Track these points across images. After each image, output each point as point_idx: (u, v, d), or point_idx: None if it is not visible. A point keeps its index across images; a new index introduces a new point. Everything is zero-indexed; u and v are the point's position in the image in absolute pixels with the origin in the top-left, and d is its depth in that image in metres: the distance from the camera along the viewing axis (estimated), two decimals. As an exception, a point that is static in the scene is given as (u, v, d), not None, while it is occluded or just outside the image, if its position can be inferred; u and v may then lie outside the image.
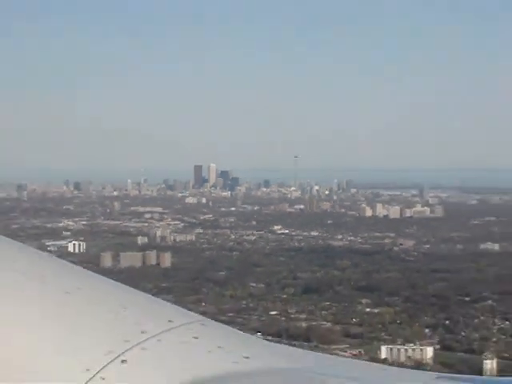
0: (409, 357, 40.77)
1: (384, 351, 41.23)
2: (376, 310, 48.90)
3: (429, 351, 41.70)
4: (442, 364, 38.24)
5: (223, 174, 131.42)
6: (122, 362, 1.59)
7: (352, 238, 75.26)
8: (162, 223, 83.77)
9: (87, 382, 1.57)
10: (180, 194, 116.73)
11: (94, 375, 1.57)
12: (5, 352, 1.68)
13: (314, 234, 77.61)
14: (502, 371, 35.96)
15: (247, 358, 1.72)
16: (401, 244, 69.44)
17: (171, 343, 1.69)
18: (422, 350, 41.82)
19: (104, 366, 1.58)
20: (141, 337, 1.66)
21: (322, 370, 1.89)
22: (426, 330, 45.86)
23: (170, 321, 1.77)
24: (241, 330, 2.35)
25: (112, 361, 1.60)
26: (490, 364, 38.57)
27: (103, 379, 1.57)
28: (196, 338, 1.73)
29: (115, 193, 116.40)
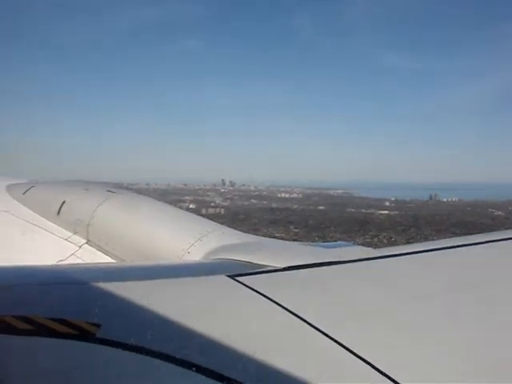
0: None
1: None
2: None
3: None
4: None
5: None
6: (196, 247, 3.15)
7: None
8: None
9: (189, 247, 3.15)
10: None
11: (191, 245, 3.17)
12: (135, 237, 3.48)
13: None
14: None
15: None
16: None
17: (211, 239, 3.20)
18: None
19: (191, 244, 3.18)
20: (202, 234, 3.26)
21: None
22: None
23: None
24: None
25: (194, 243, 3.19)
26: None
27: (189, 253, 3.12)
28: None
29: None
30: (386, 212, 70.37)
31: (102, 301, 1.83)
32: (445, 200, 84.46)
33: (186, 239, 3.22)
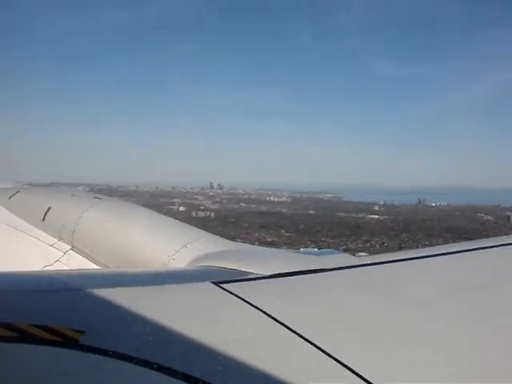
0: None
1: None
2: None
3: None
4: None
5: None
6: (182, 253, 3.19)
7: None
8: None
9: (174, 254, 3.17)
10: None
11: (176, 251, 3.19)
12: (123, 244, 3.38)
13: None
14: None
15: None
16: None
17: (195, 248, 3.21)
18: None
19: (177, 251, 3.20)
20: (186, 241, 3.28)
21: None
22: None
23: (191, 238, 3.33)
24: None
25: (178, 250, 3.21)
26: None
27: (174, 259, 3.16)
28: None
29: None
30: (377, 217, 70.31)
31: (87, 307, 1.86)
32: (433, 205, 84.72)
33: (172, 246, 3.21)
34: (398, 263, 2.84)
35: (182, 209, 71.90)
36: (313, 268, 2.55)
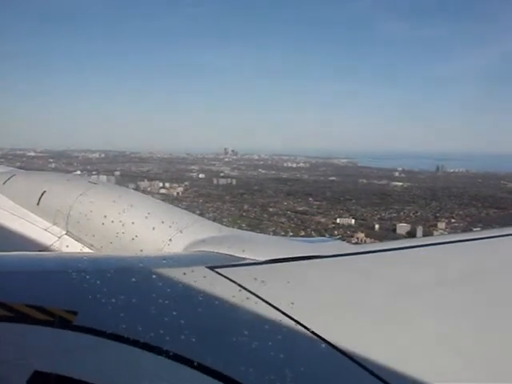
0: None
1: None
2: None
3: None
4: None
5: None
6: (177, 239, 3.08)
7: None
8: None
9: (169, 239, 3.08)
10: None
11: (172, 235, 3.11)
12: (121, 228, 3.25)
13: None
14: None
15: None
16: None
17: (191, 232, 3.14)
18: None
19: (172, 236, 3.10)
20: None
21: None
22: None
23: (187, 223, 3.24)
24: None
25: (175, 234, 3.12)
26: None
27: (170, 241, 3.07)
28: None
29: None
30: (400, 183, 69.60)
31: (80, 289, 1.87)
32: (451, 171, 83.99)
33: (167, 231, 3.19)
34: (396, 251, 2.86)
35: (201, 176, 70.73)
36: (307, 254, 2.56)
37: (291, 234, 45.03)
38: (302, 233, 45.34)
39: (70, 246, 3.57)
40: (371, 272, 2.56)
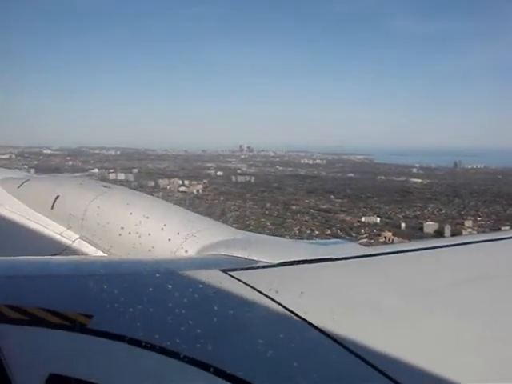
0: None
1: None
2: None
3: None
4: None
5: None
6: (191, 242, 3.07)
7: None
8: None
9: (182, 242, 3.07)
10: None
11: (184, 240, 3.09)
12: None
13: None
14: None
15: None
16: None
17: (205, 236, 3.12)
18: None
19: (185, 239, 3.10)
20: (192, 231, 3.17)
21: None
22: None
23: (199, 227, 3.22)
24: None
25: (186, 239, 3.11)
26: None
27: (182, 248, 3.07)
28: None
29: None
30: (419, 180, 68.91)
31: (95, 293, 1.87)
32: (469, 167, 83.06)
33: (180, 235, 3.16)
34: (407, 253, 2.83)
35: (219, 173, 70.32)
36: (320, 257, 2.53)
37: (317, 232, 44.67)
38: (328, 231, 44.86)
39: (84, 250, 3.58)
40: (384, 274, 2.55)
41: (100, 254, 3.51)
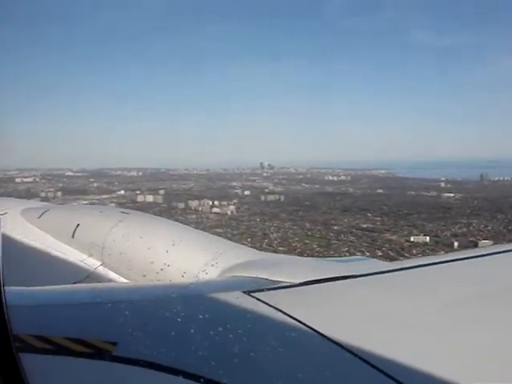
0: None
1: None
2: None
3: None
4: None
5: None
6: (212, 265, 3.14)
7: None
8: None
9: (204, 266, 3.15)
10: None
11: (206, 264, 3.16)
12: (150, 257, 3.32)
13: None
14: None
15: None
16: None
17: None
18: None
19: (207, 263, 3.17)
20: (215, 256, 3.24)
21: None
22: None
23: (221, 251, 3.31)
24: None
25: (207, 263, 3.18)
26: None
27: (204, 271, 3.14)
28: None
29: None
30: (452, 195, 67.51)
31: (118, 320, 1.85)
32: (496, 179, 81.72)
33: (202, 258, 3.17)
34: (427, 267, 2.78)
35: (247, 192, 68.80)
36: (342, 274, 2.50)
37: (368, 254, 43.00)
38: (380, 253, 43.22)
39: (106, 277, 3.59)
40: (407, 289, 2.50)
41: (122, 280, 3.54)
